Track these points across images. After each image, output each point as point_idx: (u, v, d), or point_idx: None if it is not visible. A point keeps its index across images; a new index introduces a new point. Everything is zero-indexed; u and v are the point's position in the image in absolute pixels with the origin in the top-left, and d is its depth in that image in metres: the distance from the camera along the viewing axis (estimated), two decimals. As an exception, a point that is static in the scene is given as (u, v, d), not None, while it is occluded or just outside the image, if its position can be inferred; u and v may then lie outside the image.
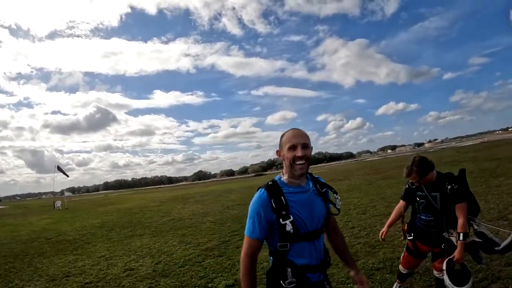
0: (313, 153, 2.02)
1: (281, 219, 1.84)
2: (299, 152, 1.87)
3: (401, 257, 3.70)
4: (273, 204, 1.85)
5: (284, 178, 1.98)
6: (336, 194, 2.08)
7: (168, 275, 5.68)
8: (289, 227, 1.83)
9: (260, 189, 1.95)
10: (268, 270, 1.98)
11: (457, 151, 37.25)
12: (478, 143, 57.32)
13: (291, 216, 1.85)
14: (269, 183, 1.96)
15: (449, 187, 3.00)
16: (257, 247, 1.91)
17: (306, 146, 1.92)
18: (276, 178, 2.02)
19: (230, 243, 7.65)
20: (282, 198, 1.87)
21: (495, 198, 8.47)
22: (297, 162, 1.88)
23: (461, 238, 2.91)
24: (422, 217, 3.28)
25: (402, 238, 3.62)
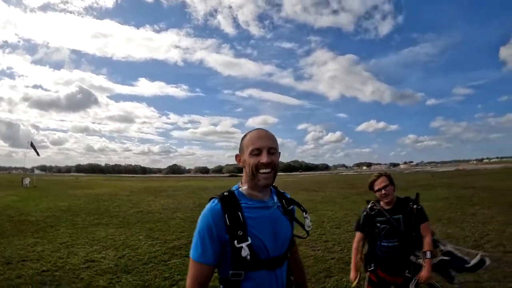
0: (289, 160, 1.67)
1: (235, 241, 1.42)
2: (264, 158, 1.48)
3: None
4: (227, 221, 1.44)
5: (244, 188, 1.57)
6: (305, 212, 1.70)
7: (130, 271, 5.44)
8: (245, 252, 1.41)
9: (212, 200, 1.55)
10: None
11: (432, 176, 37.89)
12: (453, 170, 58.57)
13: (249, 238, 1.43)
14: (225, 193, 1.55)
15: (414, 206, 2.96)
16: (207, 274, 1.48)
17: (273, 151, 1.54)
18: (234, 188, 1.61)
19: (198, 243, 7.42)
20: (239, 213, 1.46)
21: (471, 226, 8.57)
22: (262, 171, 1.49)
23: (428, 256, 2.83)
24: (384, 243, 3.04)
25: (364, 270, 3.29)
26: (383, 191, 2.96)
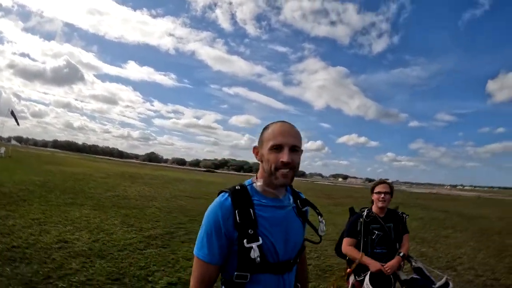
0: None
1: (245, 240, 1.29)
2: (285, 157, 1.33)
3: None
4: (237, 217, 1.31)
5: (258, 184, 1.43)
6: (321, 216, 1.57)
7: (105, 256, 5.26)
8: (255, 254, 1.28)
9: (222, 194, 1.40)
10: None
11: (408, 196, 38.69)
12: (427, 193, 59.68)
13: (260, 239, 1.31)
14: (236, 187, 1.41)
15: (404, 215, 3.19)
16: (213, 274, 1.37)
17: (296, 149, 1.39)
18: (247, 182, 1.47)
19: (175, 235, 7.33)
20: (251, 210, 1.33)
21: (444, 248, 8.69)
22: (281, 170, 1.35)
23: (401, 255, 3.03)
24: (377, 250, 3.05)
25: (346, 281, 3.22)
26: (382, 195, 3.08)
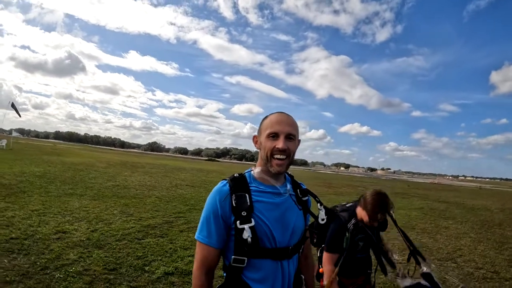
0: None
1: (238, 222, 1.36)
2: (280, 144, 1.40)
3: None
4: (233, 202, 1.38)
5: (256, 171, 1.51)
6: (320, 204, 1.59)
7: (102, 247, 5.30)
8: (247, 234, 1.34)
9: (222, 181, 1.49)
10: None
11: (408, 185, 38.52)
12: (428, 183, 59.68)
13: (253, 221, 1.36)
14: (235, 175, 1.49)
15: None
16: (213, 257, 1.43)
17: (292, 137, 1.45)
18: (246, 171, 1.54)
19: (173, 224, 7.37)
20: (247, 195, 1.40)
21: (444, 239, 8.69)
22: (276, 156, 1.41)
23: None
24: (358, 256, 2.82)
25: None
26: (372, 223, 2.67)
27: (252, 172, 1.52)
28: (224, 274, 1.47)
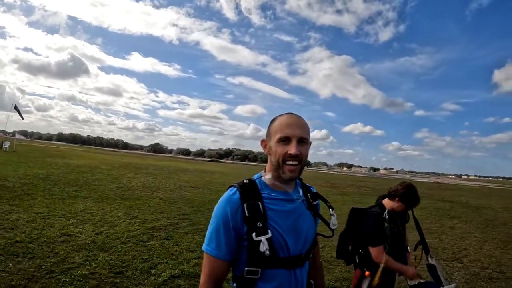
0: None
1: (254, 234, 1.26)
2: (292, 149, 1.30)
3: None
4: (246, 211, 1.28)
5: (267, 178, 1.40)
6: (332, 209, 1.54)
7: (108, 249, 5.26)
8: (264, 247, 1.25)
9: (230, 188, 1.38)
10: None
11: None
12: (432, 182, 59.41)
13: (269, 231, 1.27)
14: (245, 181, 1.38)
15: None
16: (223, 270, 1.34)
17: (304, 141, 1.35)
18: (255, 177, 1.43)
19: (178, 226, 7.33)
20: (260, 204, 1.30)
21: (449, 239, 8.64)
22: (288, 162, 1.32)
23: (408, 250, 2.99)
24: (395, 248, 2.84)
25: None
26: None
27: (262, 178, 1.41)
28: (234, 285, 1.38)
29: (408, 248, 3.00)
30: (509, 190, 43.95)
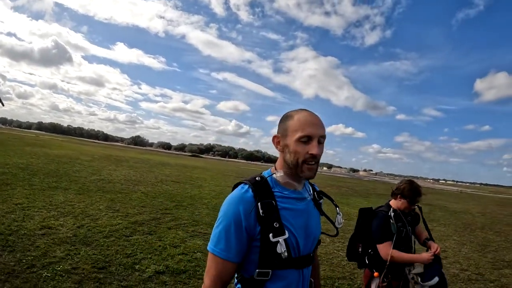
0: (252, 149, 1.36)
1: (271, 235, 1.21)
2: (314, 149, 1.25)
3: None
4: (260, 210, 1.22)
5: (279, 175, 1.34)
6: (338, 207, 1.53)
7: (90, 244, 5.16)
8: (282, 248, 1.20)
9: (241, 185, 1.31)
10: None
11: (391, 187, 38.85)
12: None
13: (286, 232, 1.23)
14: (257, 178, 1.31)
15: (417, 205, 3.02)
16: (231, 273, 1.28)
17: (322, 140, 1.31)
18: (266, 173, 1.38)
19: (161, 221, 7.26)
20: (273, 202, 1.25)
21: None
22: (309, 162, 1.27)
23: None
24: (403, 249, 2.88)
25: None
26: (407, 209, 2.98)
27: (274, 175, 1.35)
28: (239, 286, 1.33)
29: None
30: (486, 196, 45.11)
